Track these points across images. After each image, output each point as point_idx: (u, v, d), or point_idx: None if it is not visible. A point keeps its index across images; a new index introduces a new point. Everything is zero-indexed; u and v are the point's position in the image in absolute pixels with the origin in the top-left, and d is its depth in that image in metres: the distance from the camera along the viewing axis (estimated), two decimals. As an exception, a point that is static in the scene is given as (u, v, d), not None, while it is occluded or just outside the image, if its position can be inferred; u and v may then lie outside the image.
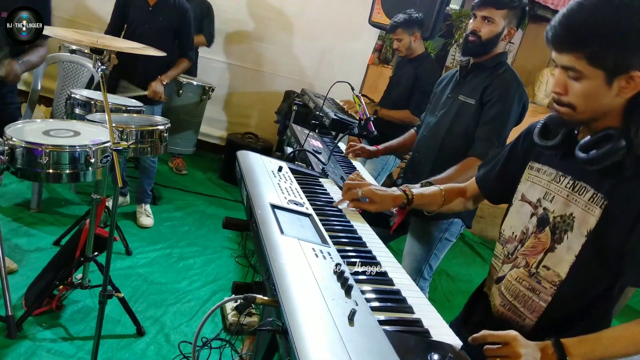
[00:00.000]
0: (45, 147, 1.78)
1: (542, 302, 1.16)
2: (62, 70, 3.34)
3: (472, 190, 1.50)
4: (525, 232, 1.24)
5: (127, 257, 2.93)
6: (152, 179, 3.47)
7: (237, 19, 4.73)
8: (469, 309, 1.42)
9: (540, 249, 1.18)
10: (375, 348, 0.77)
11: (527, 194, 1.26)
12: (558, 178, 1.18)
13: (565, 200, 1.15)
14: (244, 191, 1.35)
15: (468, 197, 1.51)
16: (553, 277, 1.14)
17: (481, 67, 2.02)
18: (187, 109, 4.03)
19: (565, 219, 1.13)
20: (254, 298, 0.88)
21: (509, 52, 5.11)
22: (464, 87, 2.06)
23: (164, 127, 2.38)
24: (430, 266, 2.19)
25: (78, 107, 2.59)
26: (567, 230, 1.12)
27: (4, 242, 2.68)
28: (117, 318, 2.36)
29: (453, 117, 2.05)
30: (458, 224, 2.14)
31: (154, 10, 3.18)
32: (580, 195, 1.11)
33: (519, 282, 1.22)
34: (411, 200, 1.48)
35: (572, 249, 1.11)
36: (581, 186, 1.12)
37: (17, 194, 3.23)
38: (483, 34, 1.95)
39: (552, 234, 1.16)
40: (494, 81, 1.96)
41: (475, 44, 1.97)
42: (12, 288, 2.34)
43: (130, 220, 3.38)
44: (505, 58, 2.03)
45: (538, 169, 1.25)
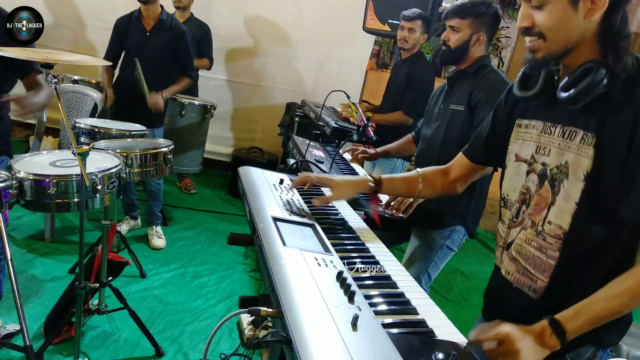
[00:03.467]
0: (52, 178, 1.82)
1: (551, 259, 1.12)
2: (66, 100, 3.41)
3: (458, 167, 1.45)
4: (525, 191, 1.20)
5: (141, 279, 2.96)
6: (160, 201, 3.51)
7: (233, 36, 4.79)
8: (488, 293, 1.37)
9: (543, 205, 1.14)
10: (378, 351, 0.78)
11: (520, 152, 1.23)
12: (547, 129, 1.15)
13: (558, 149, 1.12)
14: (247, 206, 1.38)
15: (453, 178, 1.47)
16: (557, 231, 1.10)
17: (465, 73, 2.08)
18: (190, 128, 4.08)
19: (561, 169, 1.10)
20: (258, 311, 0.89)
21: (506, 47, 5.16)
22: (453, 96, 2.10)
23: (167, 149, 2.42)
24: (429, 275, 2.16)
25: (83, 135, 2.65)
26: (564, 179, 1.09)
27: (21, 274, 2.74)
28: (135, 341, 2.39)
29: (446, 127, 2.09)
30: (460, 232, 2.11)
31: (151, 35, 3.24)
32: (571, 141, 1.08)
33: (528, 243, 1.18)
34: (379, 182, 1.43)
35: (571, 197, 1.07)
36: (570, 131, 1.09)
37: (30, 226, 3.29)
38: (452, 43, 2.04)
39: (551, 187, 1.12)
40: (478, 84, 2.00)
41: (445, 53, 2.07)
42: (32, 318, 2.39)
43: (143, 242, 3.42)
44: (487, 61, 2.08)
45: (526, 125, 1.22)
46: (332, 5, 4.67)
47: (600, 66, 1.01)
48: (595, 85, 1.01)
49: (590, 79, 1.01)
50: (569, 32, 1.03)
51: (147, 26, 3.24)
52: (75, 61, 1.75)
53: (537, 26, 1.05)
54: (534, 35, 1.06)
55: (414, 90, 3.09)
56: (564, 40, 1.04)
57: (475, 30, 2.01)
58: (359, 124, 2.28)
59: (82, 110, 3.37)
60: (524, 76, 1.21)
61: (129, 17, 3.30)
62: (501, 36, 5.11)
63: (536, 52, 1.08)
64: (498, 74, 2.04)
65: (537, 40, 1.06)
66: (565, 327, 0.99)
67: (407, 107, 3.09)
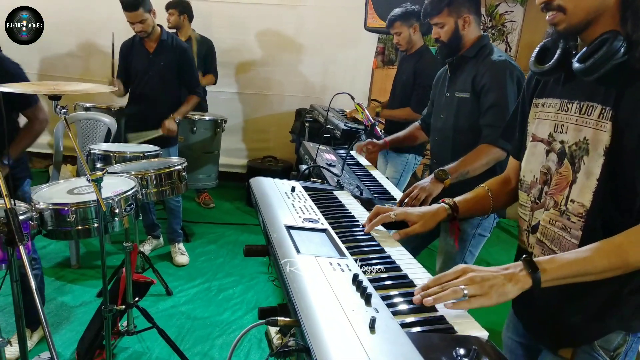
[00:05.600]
0: (70, 206, 1.86)
1: (574, 239, 1.09)
2: (80, 128, 3.48)
3: (514, 170, 1.38)
4: (546, 172, 1.17)
5: (168, 297, 3.00)
6: (180, 218, 3.55)
7: (236, 49, 4.84)
8: None
9: (565, 184, 1.11)
10: (398, 352, 0.78)
11: (537, 132, 1.21)
12: (564, 106, 1.13)
13: (575, 126, 1.09)
14: (260, 217, 1.39)
15: (514, 184, 1.39)
16: (579, 209, 1.07)
17: (464, 58, 2.06)
18: (203, 144, 4.13)
19: (580, 145, 1.07)
20: (275, 321, 0.90)
21: (512, 32, 5.09)
22: (457, 83, 2.08)
23: (181, 167, 2.45)
24: (466, 264, 2.15)
25: (99, 161, 2.69)
26: (583, 156, 1.06)
27: (51, 302, 2.79)
28: (166, 358, 2.42)
29: (455, 115, 2.07)
30: (490, 217, 2.09)
31: (154, 56, 3.29)
32: (589, 116, 1.05)
33: (553, 224, 1.15)
34: (455, 208, 1.38)
35: (592, 174, 1.04)
36: (588, 106, 1.06)
37: (56, 254, 3.36)
38: (443, 38, 2.04)
39: (571, 164, 1.09)
40: (480, 68, 1.97)
41: (442, 49, 2.08)
42: (64, 344, 2.44)
43: (167, 260, 3.47)
44: (486, 41, 2.05)
45: (542, 103, 1.20)
46: (332, 8, 4.68)
47: (618, 35, 0.99)
48: (612, 55, 0.98)
49: (607, 48, 0.98)
50: (590, 2, 1.01)
51: (149, 48, 3.29)
52: (82, 90, 1.78)
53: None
54: (553, 10, 1.04)
55: (421, 85, 3.07)
56: (585, 10, 1.02)
57: (457, 15, 2.00)
58: (367, 124, 2.27)
59: (96, 136, 3.44)
60: (541, 50, 1.19)
61: (132, 41, 3.36)
62: (506, 21, 5.05)
63: (557, 25, 1.06)
64: (498, 54, 2.00)
65: (557, 13, 1.04)
66: (541, 264, 0.98)
67: (416, 104, 3.07)
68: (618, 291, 1.08)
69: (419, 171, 4.43)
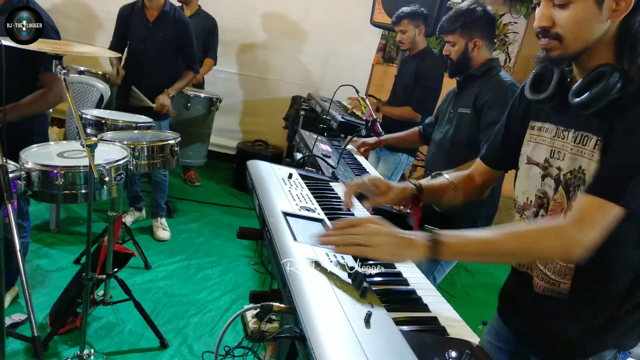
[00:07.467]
0: (60, 169, 1.82)
1: (570, 263, 1.10)
2: (72, 91, 3.39)
3: (479, 172, 1.43)
4: (542, 196, 1.18)
5: (146, 271, 2.97)
6: (165, 192, 3.51)
7: (240, 29, 4.78)
8: (506, 294, 1.34)
9: (559, 210, 1.12)
10: (392, 349, 0.78)
11: (533, 155, 1.21)
12: (560, 133, 1.13)
13: (571, 155, 1.09)
14: (256, 200, 1.37)
15: (478, 183, 1.44)
16: None
17: (472, 77, 2.13)
18: (196, 121, 4.08)
19: (575, 174, 1.08)
20: (271, 307, 0.89)
21: (513, 43, 5.12)
22: (462, 100, 2.13)
23: (174, 142, 2.42)
24: (435, 278, 2.17)
25: (90, 126, 2.64)
26: (580, 185, 1.06)
27: (27, 264, 2.74)
28: (140, 332, 2.40)
29: (454, 129, 2.11)
30: None
31: (154, 26, 3.22)
32: (584, 146, 1.06)
33: None
34: (420, 189, 1.42)
35: None
36: (583, 136, 1.06)
37: (36, 216, 3.29)
38: (453, 56, 2.12)
39: (565, 192, 1.10)
40: (484, 86, 2.03)
41: (451, 65, 2.15)
42: (37, 308, 2.40)
43: (148, 234, 3.43)
44: (495, 64, 2.11)
45: (539, 127, 1.21)
46: (340, -1, 4.64)
47: (614, 70, 0.99)
48: (608, 90, 0.98)
49: (604, 84, 0.98)
50: (590, 33, 1.00)
51: (150, 17, 3.22)
52: (85, 52, 1.74)
53: (557, 26, 1.02)
54: (550, 37, 1.04)
55: (423, 86, 3.08)
56: (583, 41, 1.01)
57: (468, 38, 2.06)
58: (368, 119, 2.27)
59: (88, 101, 3.36)
60: (535, 77, 1.19)
61: (132, 7, 3.28)
62: (508, 31, 5.08)
63: (550, 51, 1.05)
64: (504, 76, 2.06)
65: (552, 41, 1.04)
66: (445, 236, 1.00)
67: (416, 104, 3.08)
68: (616, 310, 1.10)
69: (407, 171, 4.45)
